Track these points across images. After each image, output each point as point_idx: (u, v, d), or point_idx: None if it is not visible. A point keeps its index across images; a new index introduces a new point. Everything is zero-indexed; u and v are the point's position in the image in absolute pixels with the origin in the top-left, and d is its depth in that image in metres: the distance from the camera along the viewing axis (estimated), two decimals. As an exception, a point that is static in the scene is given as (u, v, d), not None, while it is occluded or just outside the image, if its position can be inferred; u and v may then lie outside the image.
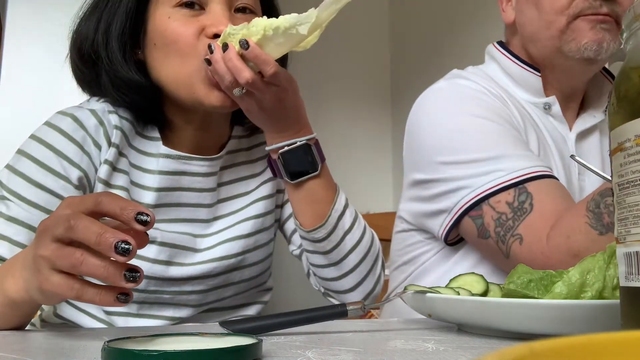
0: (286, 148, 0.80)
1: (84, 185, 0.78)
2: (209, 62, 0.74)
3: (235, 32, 0.73)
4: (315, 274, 0.90)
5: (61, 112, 0.80)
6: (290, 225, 0.95)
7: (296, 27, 0.69)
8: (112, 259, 0.48)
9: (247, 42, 0.71)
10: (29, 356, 0.43)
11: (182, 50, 0.77)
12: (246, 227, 0.88)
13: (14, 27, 1.77)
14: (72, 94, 0.90)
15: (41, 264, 0.51)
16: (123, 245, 0.47)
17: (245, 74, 0.71)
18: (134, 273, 0.49)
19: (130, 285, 0.49)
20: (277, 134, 0.81)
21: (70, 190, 0.76)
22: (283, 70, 0.75)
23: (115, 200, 0.50)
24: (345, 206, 0.86)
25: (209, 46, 0.74)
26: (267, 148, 0.82)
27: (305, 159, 0.82)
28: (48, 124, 0.79)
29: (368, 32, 2.90)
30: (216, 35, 0.77)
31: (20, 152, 0.77)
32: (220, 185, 0.88)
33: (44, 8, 1.79)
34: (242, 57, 0.72)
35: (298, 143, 0.80)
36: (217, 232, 0.87)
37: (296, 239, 0.94)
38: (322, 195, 0.83)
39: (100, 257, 0.49)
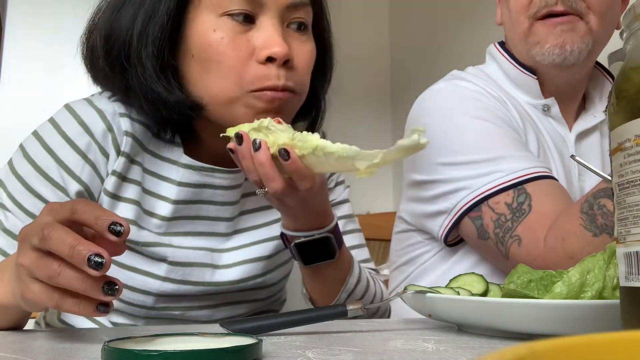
0: (303, 239, 0.72)
1: (82, 196, 0.72)
2: (232, 151, 0.65)
3: (274, 129, 0.63)
4: None
5: (69, 110, 0.73)
6: None
7: (353, 160, 0.59)
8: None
9: (288, 154, 0.60)
10: (29, 356, 0.43)
11: (225, 73, 0.68)
12: (268, 248, 0.83)
13: (14, 27, 1.77)
14: (72, 94, 0.89)
15: (22, 272, 0.50)
16: (96, 259, 0.45)
17: (276, 184, 0.63)
18: (112, 286, 0.47)
19: (108, 298, 0.47)
20: (294, 224, 0.72)
21: None
22: (319, 177, 0.66)
23: (90, 209, 0.48)
24: (357, 282, 0.81)
25: (237, 136, 0.63)
26: (281, 230, 0.74)
27: (323, 249, 0.73)
28: (53, 123, 0.72)
29: (368, 32, 2.89)
30: (269, 59, 0.68)
31: (22, 149, 0.72)
32: (244, 196, 0.82)
33: (44, 8, 1.78)
34: (273, 156, 0.62)
35: (316, 236, 0.72)
36: (237, 247, 0.81)
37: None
38: (334, 276, 0.78)
39: (78, 270, 0.47)
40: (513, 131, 0.91)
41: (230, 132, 0.65)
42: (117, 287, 0.47)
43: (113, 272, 0.75)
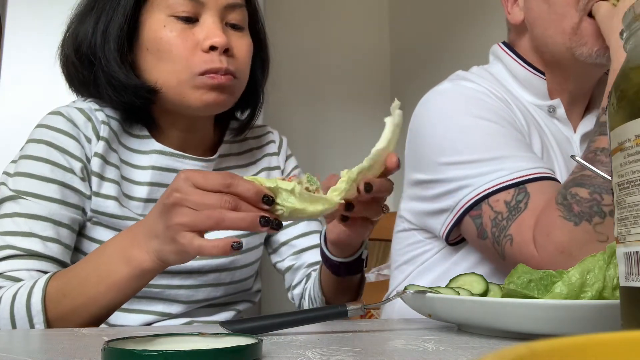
0: (349, 259, 0.80)
1: (85, 176, 0.81)
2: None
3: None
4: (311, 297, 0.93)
5: (50, 113, 0.83)
6: (279, 237, 0.97)
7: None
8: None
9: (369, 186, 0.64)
10: (29, 356, 0.43)
11: (175, 60, 0.80)
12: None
13: (14, 27, 1.77)
14: (72, 94, 0.90)
15: (176, 230, 0.59)
16: (266, 199, 0.58)
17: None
18: (267, 218, 0.58)
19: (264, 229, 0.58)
20: (345, 254, 0.80)
21: (77, 182, 0.79)
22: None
23: (243, 183, 0.59)
24: (364, 278, 0.89)
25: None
26: (329, 255, 0.80)
27: (360, 263, 0.82)
28: (42, 125, 0.81)
29: (368, 32, 2.89)
30: (212, 48, 0.79)
31: (23, 156, 0.80)
32: None
33: (44, 8, 1.78)
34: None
35: (361, 256, 0.81)
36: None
37: (284, 251, 0.97)
38: (356, 283, 0.86)
39: (235, 213, 0.58)
40: (517, 132, 0.91)
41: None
42: (269, 219, 0.58)
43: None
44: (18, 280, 0.72)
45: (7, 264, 0.73)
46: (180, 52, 0.80)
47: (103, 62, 0.81)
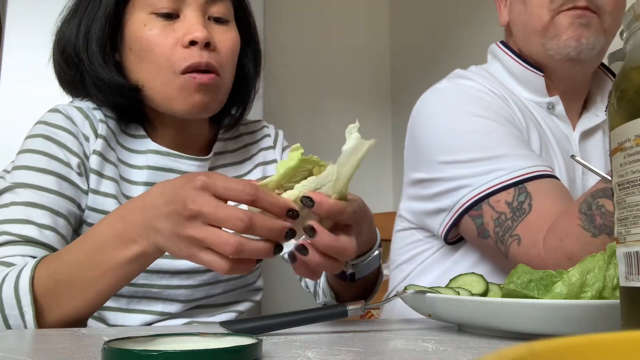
0: (357, 262, 0.75)
1: (82, 172, 0.81)
2: (293, 257, 0.61)
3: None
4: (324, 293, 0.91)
5: (49, 110, 0.84)
6: None
7: (318, 190, 0.58)
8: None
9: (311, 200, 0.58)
10: (29, 356, 0.43)
11: (157, 60, 0.80)
12: None
13: (14, 27, 1.77)
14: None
15: (189, 242, 0.57)
16: (289, 232, 0.57)
17: (351, 251, 0.61)
18: (280, 248, 0.58)
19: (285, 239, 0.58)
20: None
21: (74, 176, 0.79)
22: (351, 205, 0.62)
23: (266, 197, 0.57)
24: (381, 276, 0.87)
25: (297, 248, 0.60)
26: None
27: (372, 263, 0.77)
28: (40, 122, 0.82)
29: (368, 32, 2.89)
30: (192, 43, 0.79)
31: (20, 151, 0.80)
32: None
33: (44, 8, 1.78)
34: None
35: (371, 256, 0.76)
36: None
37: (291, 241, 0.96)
38: (369, 282, 0.83)
39: (254, 241, 0.56)
40: (516, 130, 0.91)
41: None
42: (282, 249, 0.58)
43: None
44: (12, 265, 0.70)
45: (2, 251, 0.71)
46: (161, 50, 0.79)
47: (87, 62, 0.81)
